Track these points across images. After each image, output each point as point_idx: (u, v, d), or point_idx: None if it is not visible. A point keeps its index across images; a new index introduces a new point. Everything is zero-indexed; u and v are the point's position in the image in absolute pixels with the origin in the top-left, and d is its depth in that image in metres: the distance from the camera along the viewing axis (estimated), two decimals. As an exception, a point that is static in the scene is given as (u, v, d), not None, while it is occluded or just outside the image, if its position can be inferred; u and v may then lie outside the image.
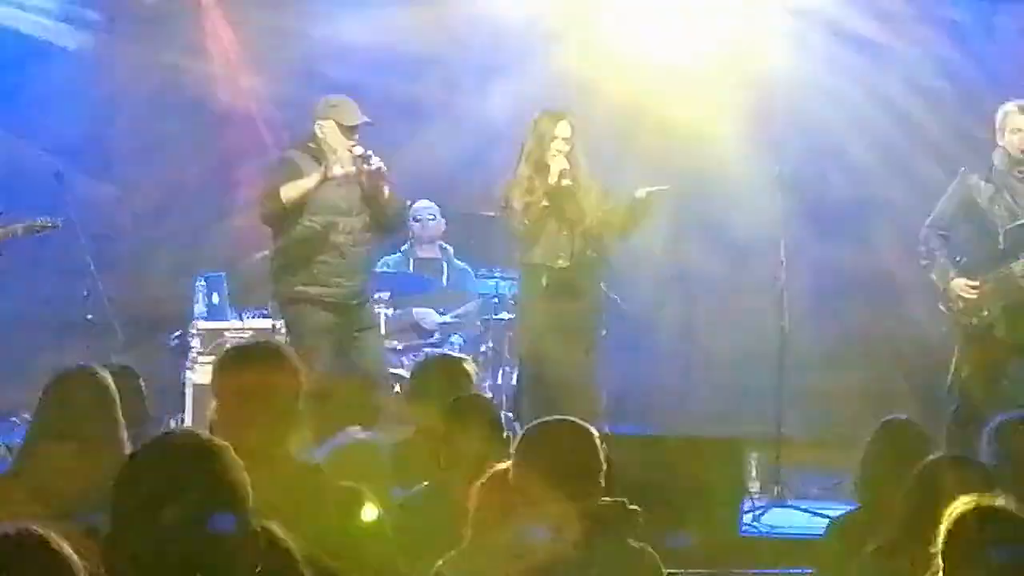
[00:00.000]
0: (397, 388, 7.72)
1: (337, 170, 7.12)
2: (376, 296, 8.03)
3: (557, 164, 7.24)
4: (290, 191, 7.12)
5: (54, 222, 8.28)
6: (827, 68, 9.59)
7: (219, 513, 2.45)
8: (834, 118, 9.61)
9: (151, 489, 2.46)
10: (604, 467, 3.57)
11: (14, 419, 8.15)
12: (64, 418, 4.15)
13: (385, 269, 8.92)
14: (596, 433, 3.64)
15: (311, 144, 7.31)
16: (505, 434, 4.85)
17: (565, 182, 7.23)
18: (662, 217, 7.98)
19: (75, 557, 2.23)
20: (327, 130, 7.26)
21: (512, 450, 3.66)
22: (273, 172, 7.34)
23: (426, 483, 4.66)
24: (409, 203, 8.28)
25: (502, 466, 3.74)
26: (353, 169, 7.17)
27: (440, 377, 5.50)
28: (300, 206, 7.17)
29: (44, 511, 3.53)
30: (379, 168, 7.19)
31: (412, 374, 5.37)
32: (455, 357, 6.14)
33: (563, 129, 7.31)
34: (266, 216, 7.25)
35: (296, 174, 7.18)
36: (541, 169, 7.33)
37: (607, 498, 3.53)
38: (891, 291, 9.40)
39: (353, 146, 7.20)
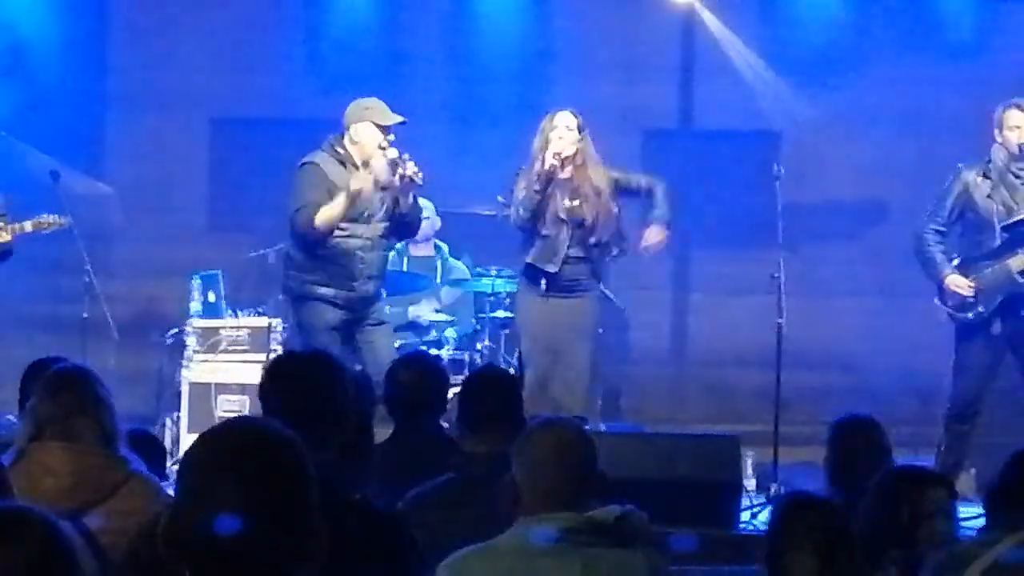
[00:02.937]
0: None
1: (379, 172, 6.97)
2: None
3: (551, 149, 7.21)
4: (325, 216, 6.94)
5: (61, 220, 8.21)
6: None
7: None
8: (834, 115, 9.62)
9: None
10: (597, 472, 3.45)
11: (10, 416, 8.12)
12: (53, 414, 4.00)
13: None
14: (592, 436, 3.54)
15: (339, 149, 7.12)
16: None
17: (553, 162, 7.16)
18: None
19: (77, 537, 2.14)
20: (362, 132, 7.09)
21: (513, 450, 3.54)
22: (302, 181, 7.09)
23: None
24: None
25: None
26: (395, 180, 7.01)
27: (415, 376, 5.38)
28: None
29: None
30: (414, 173, 7.02)
31: (387, 374, 5.27)
32: (431, 355, 6.08)
33: (561, 119, 7.30)
34: (299, 233, 7.09)
35: (324, 182, 7.01)
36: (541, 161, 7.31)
37: (605, 506, 3.39)
38: (887, 288, 9.38)
39: (388, 148, 7.05)
